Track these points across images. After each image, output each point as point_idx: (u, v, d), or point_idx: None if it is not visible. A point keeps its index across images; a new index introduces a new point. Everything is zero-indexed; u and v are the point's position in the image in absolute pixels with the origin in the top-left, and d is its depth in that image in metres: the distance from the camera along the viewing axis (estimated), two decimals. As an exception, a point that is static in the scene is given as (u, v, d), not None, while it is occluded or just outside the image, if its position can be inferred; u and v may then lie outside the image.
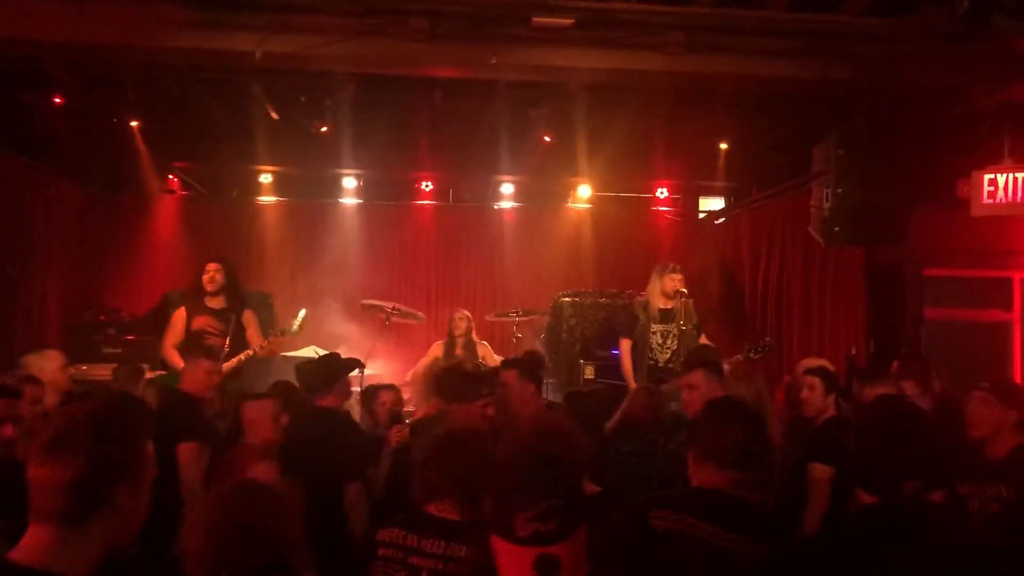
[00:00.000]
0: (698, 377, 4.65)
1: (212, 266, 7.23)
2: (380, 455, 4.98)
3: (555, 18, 5.75)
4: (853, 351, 7.96)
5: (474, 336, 8.35)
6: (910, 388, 4.91)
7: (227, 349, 6.96)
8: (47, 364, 5.19)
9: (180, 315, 7.16)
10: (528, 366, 5.42)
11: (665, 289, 7.49)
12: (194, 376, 5.25)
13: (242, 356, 6.92)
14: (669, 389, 7.06)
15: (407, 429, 5.05)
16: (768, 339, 7.91)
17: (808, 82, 6.29)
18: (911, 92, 6.46)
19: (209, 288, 7.12)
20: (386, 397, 5.68)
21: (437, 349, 8.32)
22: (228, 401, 5.82)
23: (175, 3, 5.43)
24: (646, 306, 7.58)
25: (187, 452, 4.65)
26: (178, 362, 6.74)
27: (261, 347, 6.99)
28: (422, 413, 5.66)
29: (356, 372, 5.89)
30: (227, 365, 6.84)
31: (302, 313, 7.36)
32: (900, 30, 5.79)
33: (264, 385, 6.52)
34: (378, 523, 3.28)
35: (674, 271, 7.55)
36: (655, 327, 7.47)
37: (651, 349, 7.46)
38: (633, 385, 7.33)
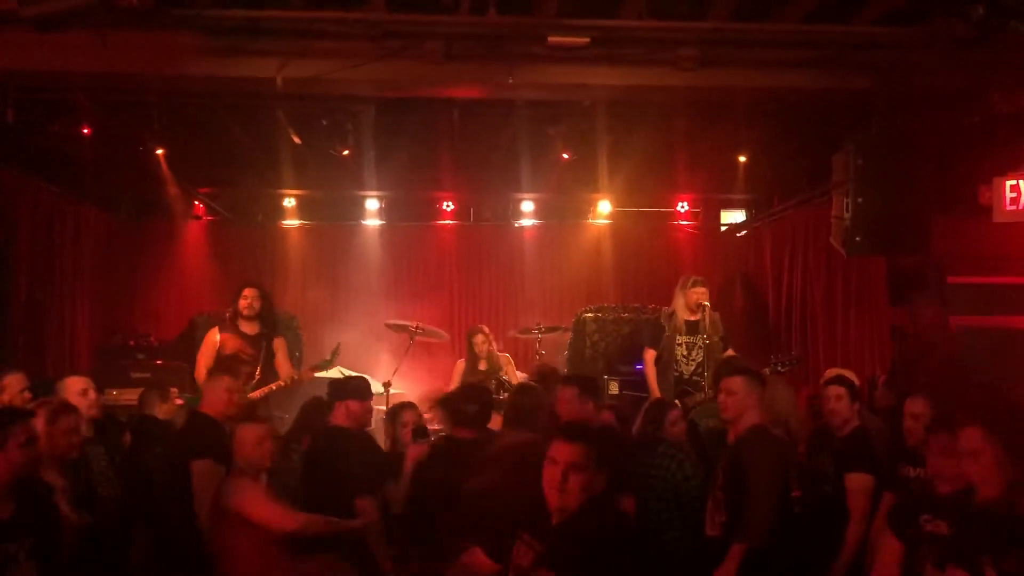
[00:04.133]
0: (736, 383, 4.62)
1: (249, 292, 7.31)
2: (398, 471, 5.04)
3: (570, 37, 5.80)
4: (876, 374, 7.86)
5: (495, 351, 8.38)
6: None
7: (258, 376, 7.03)
8: (66, 390, 5.27)
9: (212, 338, 7.24)
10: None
11: (689, 302, 7.51)
12: (214, 395, 5.34)
13: (272, 386, 6.96)
14: (697, 403, 7.08)
15: (427, 444, 5.12)
16: (795, 353, 7.86)
17: (824, 93, 6.29)
18: (929, 100, 6.43)
19: (246, 313, 7.20)
20: (408, 417, 5.72)
21: (460, 368, 8.37)
22: None
23: (196, 31, 5.53)
24: (671, 317, 7.60)
25: (200, 468, 4.75)
26: None
27: (291, 379, 7.01)
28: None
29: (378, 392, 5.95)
30: (256, 394, 6.91)
31: (337, 346, 7.38)
32: (915, 38, 5.78)
33: (290, 407, 6.63)
34: (397, 537, 3.32)
35: (697, 284, 7.57)
36: (680, 339, 7.49)
37: (676, 361, 7.48)
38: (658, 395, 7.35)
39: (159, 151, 8.43)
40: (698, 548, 4.62)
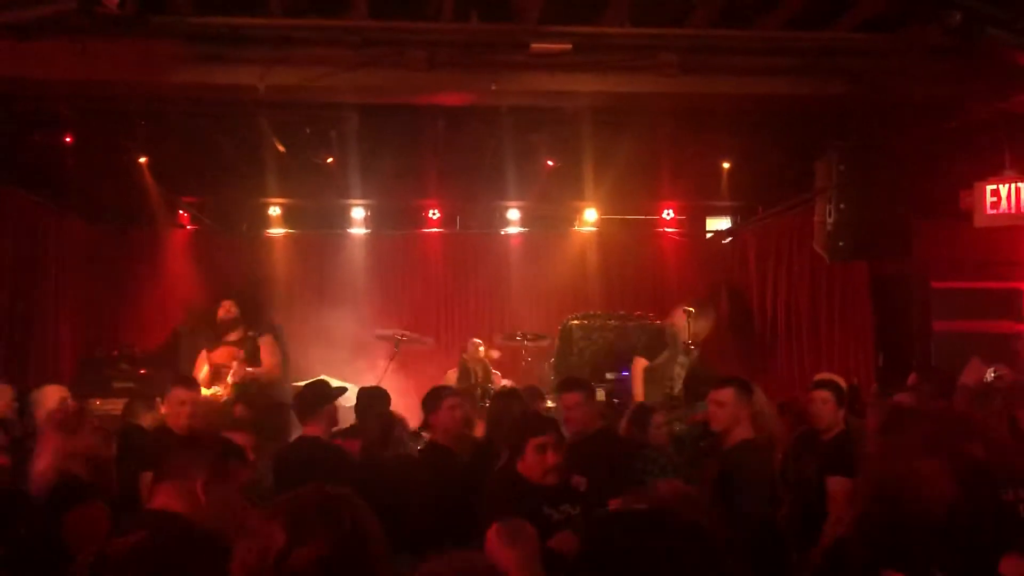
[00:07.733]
0: (727, 394, 4.61)
1: (226, 302, 7.72)
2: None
3: (553, 44, 5.81)
4: (856, 381, 7.87)
5: (488, 362, 8.43)
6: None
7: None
8: (44, 399, 5.23)
9: (202, 356, 7.55)
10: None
11: (696, 334, 7.54)
12: (169, 408, 5.31)
13: (246, 370, 7.19)
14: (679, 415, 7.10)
15: None
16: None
17: (805, 99, 6.33)
18: (908, 106, 6.48)
19: (227, 321, 7.46)
20: None
21: (452, 376, 8.40)
22: None
23: (176, 39, 5.52)
24: (675, 338, 7.62)
25: (145, 480, 4.71)
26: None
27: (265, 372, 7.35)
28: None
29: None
30: (231, 378, 7.20)
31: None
32: (894, 45, 5.82)
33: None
34: None
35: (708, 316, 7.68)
36: (682, 358, 7.53)
37: (671, 379, 7.51)
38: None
39: (142, 160, 8.42)
40: None
